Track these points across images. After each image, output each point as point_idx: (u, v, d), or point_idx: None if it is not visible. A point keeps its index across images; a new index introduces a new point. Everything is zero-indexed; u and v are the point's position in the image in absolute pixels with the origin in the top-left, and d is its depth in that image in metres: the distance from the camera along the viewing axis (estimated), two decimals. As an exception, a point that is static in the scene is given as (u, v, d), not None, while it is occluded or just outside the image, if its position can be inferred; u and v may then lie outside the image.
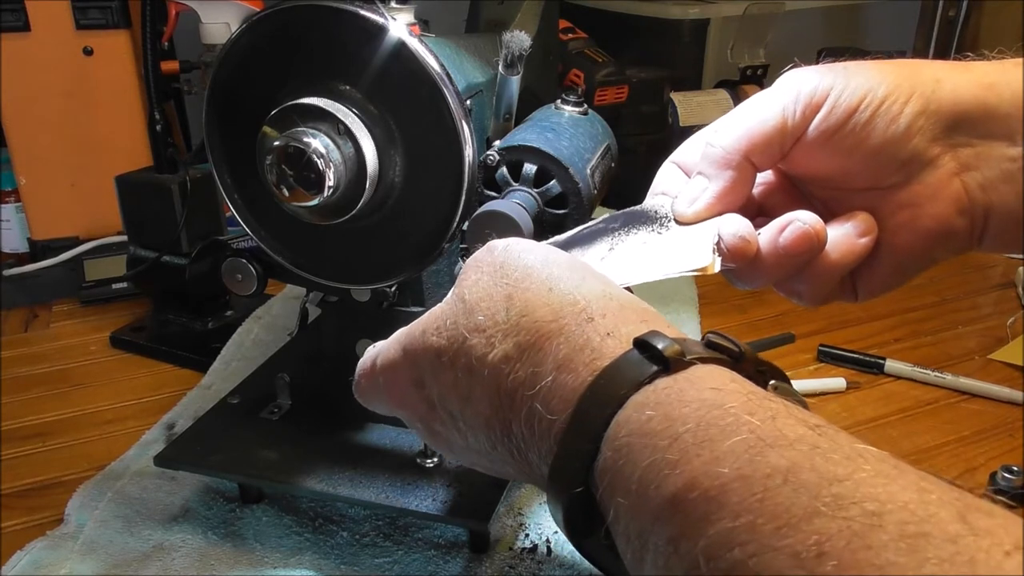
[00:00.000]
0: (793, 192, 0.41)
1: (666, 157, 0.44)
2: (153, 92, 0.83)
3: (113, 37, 0.99)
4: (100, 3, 0.97)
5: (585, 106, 0.61)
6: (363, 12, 0.47)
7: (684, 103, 1.18)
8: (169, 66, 0.91)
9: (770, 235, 0.36)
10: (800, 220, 0.35)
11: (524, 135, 0.54)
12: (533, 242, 0.34)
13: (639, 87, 1.11)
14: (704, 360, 0.28)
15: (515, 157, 0.53)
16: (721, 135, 0.38)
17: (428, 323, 0.34)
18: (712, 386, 0.26)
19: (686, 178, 0.41)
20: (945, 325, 0.88)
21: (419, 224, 0.51)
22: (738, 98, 1.22)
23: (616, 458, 0.26)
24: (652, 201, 0.41)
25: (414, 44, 0.47)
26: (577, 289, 0.31)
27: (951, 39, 1.45)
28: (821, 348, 0.81)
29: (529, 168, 0.53)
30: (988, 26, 1.50)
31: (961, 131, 0.36)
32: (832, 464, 0.22)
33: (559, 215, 0.53)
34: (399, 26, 0.47)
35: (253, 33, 0.49)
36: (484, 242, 0.48)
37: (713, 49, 1.34)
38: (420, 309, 0.58)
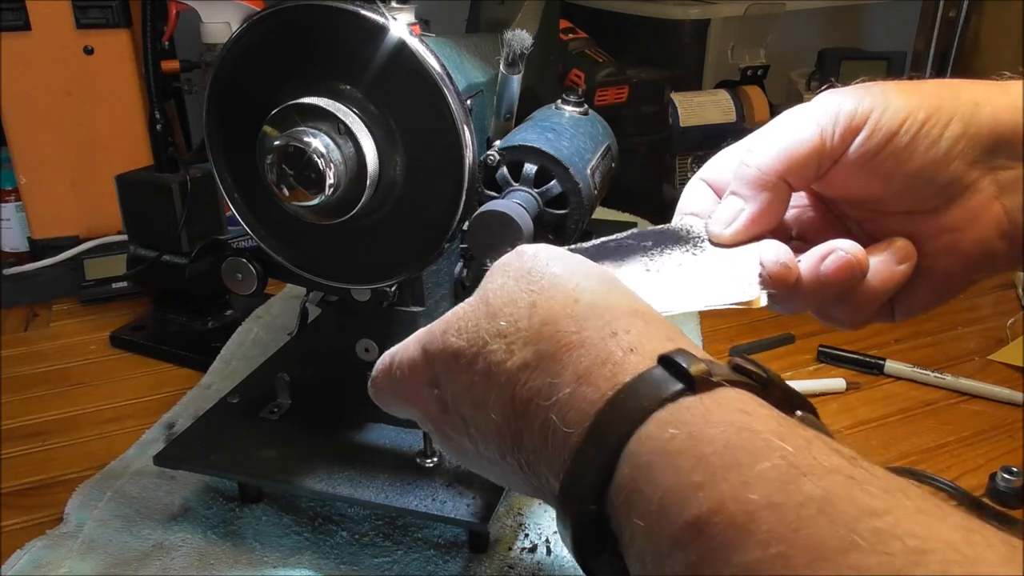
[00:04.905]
0: (827, 215, 0.41)
1: (666, 157, 0.44)
2: (153, 91, 0.83)
3: (113, 36, 0.99)
4: (100, 2, 0.97)
5: (585, 106, 0.61)
6: (364, 12, 0.47)
7: (684, 103, 1.18)
8: (170, 65, 0.91)
9: (811, 262, 0.36)
10: (842, 249, 0.35)
11: (524, 135, 0.54)
12: (562, 250, 0.33)
13: (639, 87, 1.11)
14: (731, 383, 0.27)
15: (515, 157, 0.53)
16: (756, 154, 0.37)
17: (450, 323, 0.33)
18: (740, 408, 0.25)
19: (715, 197, 0.40)
20: (945, 326, 0.88)
21: (419, 224, 0.51)
22: (738, 99, 1.23)
23: (635, 476, 0.25)
24: (682, 221, 0.40)
25: (415, 44, 0.47)
26: (603, 302, 0.30)
27: (951, 40, 1.45)
28: (821, 348, 0.81)
29: (529, 168, 0.53)
30: (988, 27, 1.50)
31: (1000, 154, 0.35)
32: (870, 497, 0.21)
33: (559, 215, 0.53)
34: (400, 26, 0.47)
35: (254, 32, 0.49)
36: (486, 241, 0.48)
37: (713, 49, 1.34)
38: (420, 309, 0.58)
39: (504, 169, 0.53)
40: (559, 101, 0.60)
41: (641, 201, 1.12)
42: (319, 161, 0.46)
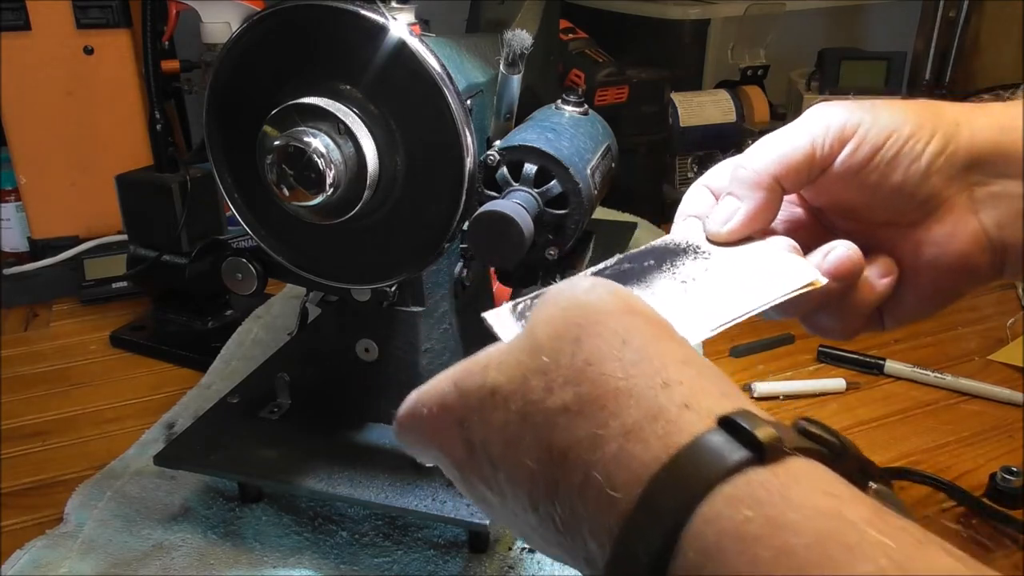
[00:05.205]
0: (820, 231, 0.43)
1: (666, 157, 0.45)
2: (154, 91, 0.83)
3: (114, 36, 0.99)
4: (101, 2, 0.97)
5: (585, 106, 0.61)
6: (364, 12, 0.47)
7: (684, 103, 1.18)
8: (170, 65, 0.91)
9: (815, 261, 0.38)
10: (841, 246, 0.37)
11: (524, 135, 0.54)
12: (619, 285, 0.31)
13: (639, 87, 1.11)
14: (802, 451, 0.24)
15: (515, 157, 0.53)
16: (751, 158, 0.39)
17: (491, 357, 0.31)
18: (825, 489, 0.22)
19: (716, 202, 0.42)
20: (945, 326, 0.88)
21: (419, 224, 0.51)
22: (739, 99, 1.23)
23: (702, 563, 0.22)
24: (669, 236, 0.41)
25: (415, 44, 0.47)
26: (653, 347, 0.28)
27: (951, 40, 1.45)
28: (821, 349, 0.81)
29: (529, 168, 0.53)
30: (988, 27, 1.50)
31: (977, 171, 0.37)
32: None
33: (559, 215, 0.53)
34: (400, 26, 0.47)
35: (254, 32, 0.49)
36: (486, 241, 0.48)
37: (713, 49, 1.34)
38: (420, 309, 0.58)
39: (504, 169, 0.53)
40: (559, 101, 0.60)
41: (641, 201, 1.12)
42: (319, 161, 0.46)
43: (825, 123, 0.38)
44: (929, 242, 0.38)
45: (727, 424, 0.24)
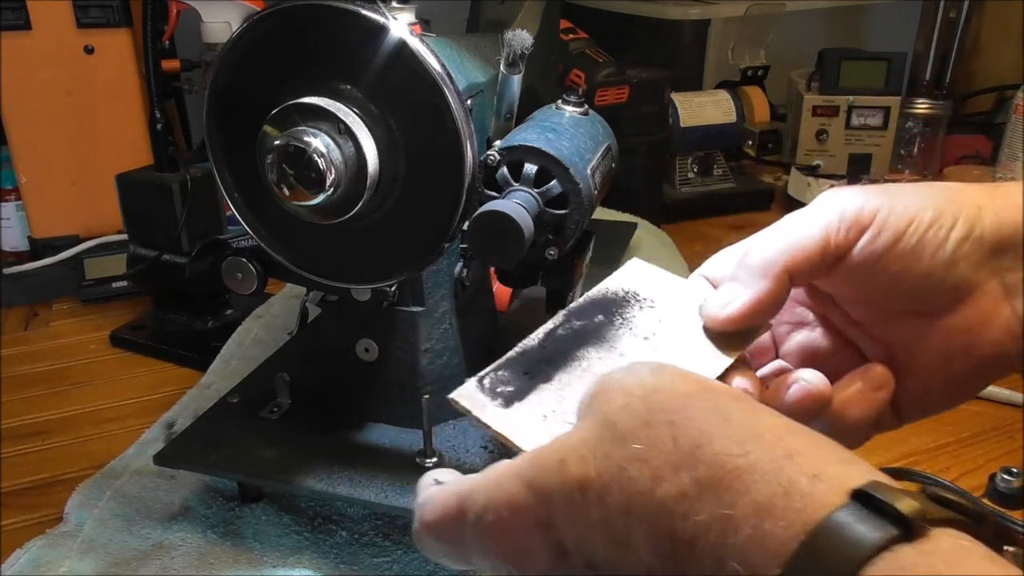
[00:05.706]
0: (837, 341, 0.41)
1: (666, 157, 0.44)
2: (154, 91, 0.83)
3: (114, 36, 0.99)
4: (101, 2, 0.97)
5: (586, 106, 0.61)
6: (364, 12, 0.47)
7: (685, 103, 1.18)
8: (170, 65, 0.91)
9: (776, 390, 0.36)
10: (804, 379, 0.36)
11: (525, 135, 0.54)
12: (679, 368, 0.30)
13: (640, 87, 1.11)
14: (943, 522, 0.23)
15: (516, 157, 0.53)
16: (759, 245, 0.37)
17: (565, 450, 0.28)
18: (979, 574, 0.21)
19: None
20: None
21: (419, 224, 0.51)
22: (739, 99, 1.23)
23: None
24: (605, 284, 0.39)
25: (415, 44, 0.47)
26: (755, 420, 0.27)
27: (951, 40, 1.45)
28: (821, 349, 0.81)
29: (529, 168, 0.53)
30: (988, 27, 1.50)
31: (1005, 256, 0.35)
32: None
33: (559, 215, 0.53)
34: (400, 26, 0.47)
35: (254, 32, 0.49)
36: (486, 241, 0.48)
37: (714, 50, 1.34)
38: (420, 309, 0.58)
39: (504, 169, 0.53)
40: (559, 101, 0.60)
41: (641, 201, 1.12)
42: (319, 161, 0.46)
43: (839, 209, 0.35)
44: (961, 330, 0.36)
45: (863, 498, 0.23)
